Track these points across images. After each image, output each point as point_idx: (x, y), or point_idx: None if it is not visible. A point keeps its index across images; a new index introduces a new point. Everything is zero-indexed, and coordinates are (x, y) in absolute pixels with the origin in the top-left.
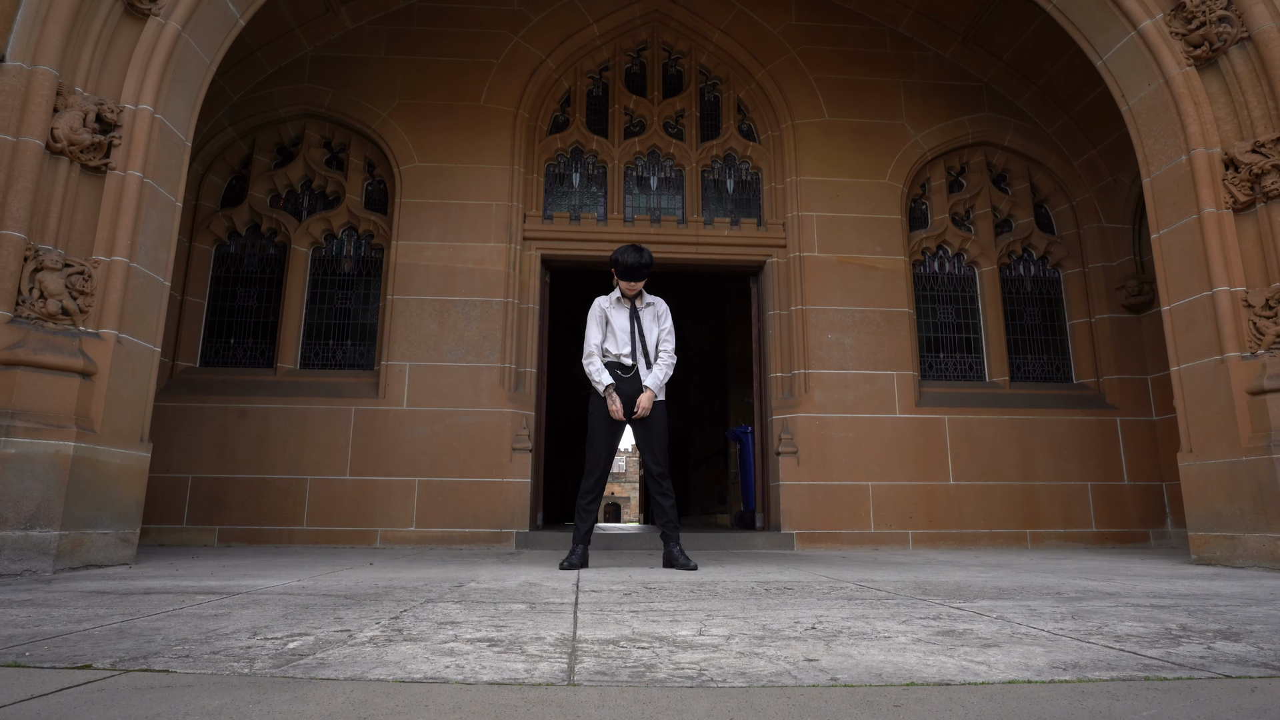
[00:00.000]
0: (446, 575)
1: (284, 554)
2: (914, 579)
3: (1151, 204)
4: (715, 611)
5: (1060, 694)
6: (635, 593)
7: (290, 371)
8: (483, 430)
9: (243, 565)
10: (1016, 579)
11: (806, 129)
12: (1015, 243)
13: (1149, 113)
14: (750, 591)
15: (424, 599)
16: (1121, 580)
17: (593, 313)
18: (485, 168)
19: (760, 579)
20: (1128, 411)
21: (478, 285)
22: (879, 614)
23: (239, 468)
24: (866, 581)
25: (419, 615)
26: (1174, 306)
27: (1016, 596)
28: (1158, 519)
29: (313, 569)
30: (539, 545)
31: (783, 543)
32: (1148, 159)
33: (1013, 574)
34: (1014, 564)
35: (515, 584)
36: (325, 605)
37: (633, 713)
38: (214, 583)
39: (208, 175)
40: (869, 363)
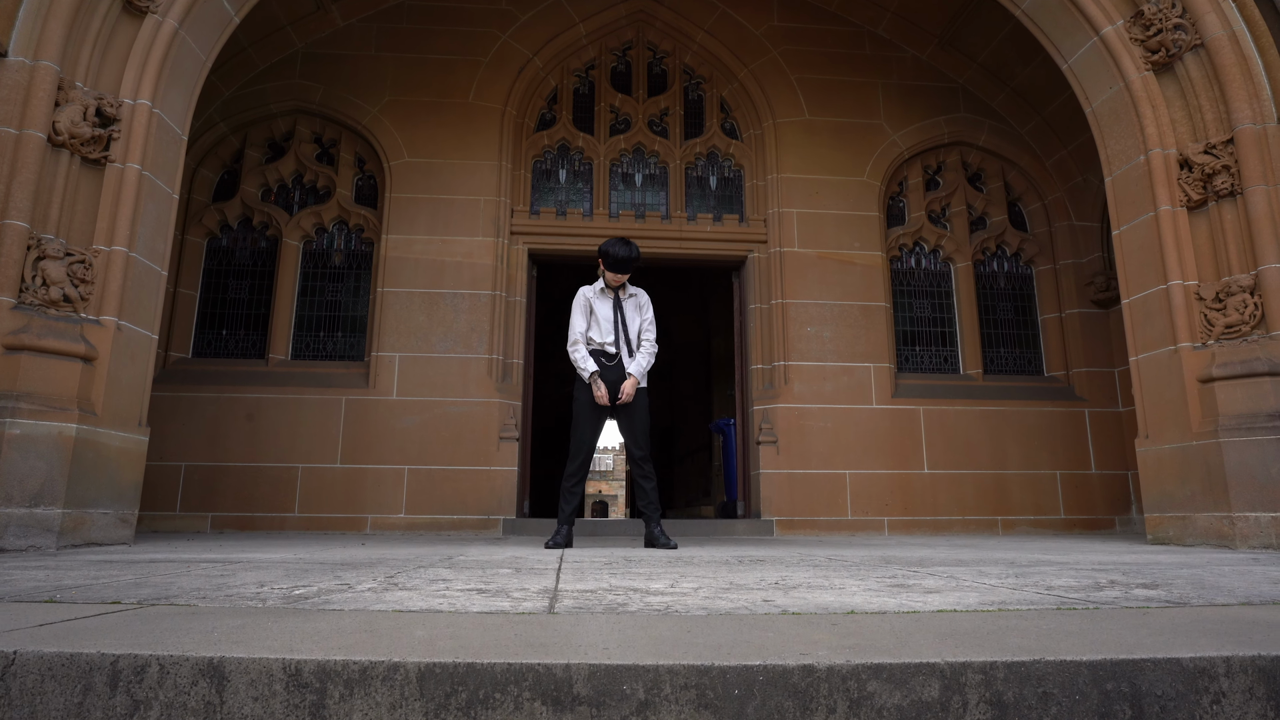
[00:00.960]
0: (437, 551)
1: (277, 538)
2: (881, 554)
3: (1113, 202)
4: (689, 574)
5: (979, 619)
6: (616, 563)
7: (282, 362)
8: (471, 420)
9: (239, 545)
10: (978, 554)
11: (787, 128)
12: (989, 240)
13: (1111, 115)
14: (724, 562)
15: (416, 565)
16: (1076, 555)
17: (577, 301)
18: (473, 163)
19: (736, 554)
20: (1095, 403)
21: (466, 278)
22: (839, 575)
23: (231, 456)
24: (835, 556)
25: (412, 575)
26: (1132, 300)
27: (973, 565)
28: (1123, 506)
29: (307, 547)
30: (526, 532)
31: (762, 529)
32: (1109, 159)
33: (976, 551)
34: (980, 545)
35: (502, 557)
36: (324, 569)
37: (604, 629)
38: (215, 555)
39: (200, 169)
40: (847, 355)
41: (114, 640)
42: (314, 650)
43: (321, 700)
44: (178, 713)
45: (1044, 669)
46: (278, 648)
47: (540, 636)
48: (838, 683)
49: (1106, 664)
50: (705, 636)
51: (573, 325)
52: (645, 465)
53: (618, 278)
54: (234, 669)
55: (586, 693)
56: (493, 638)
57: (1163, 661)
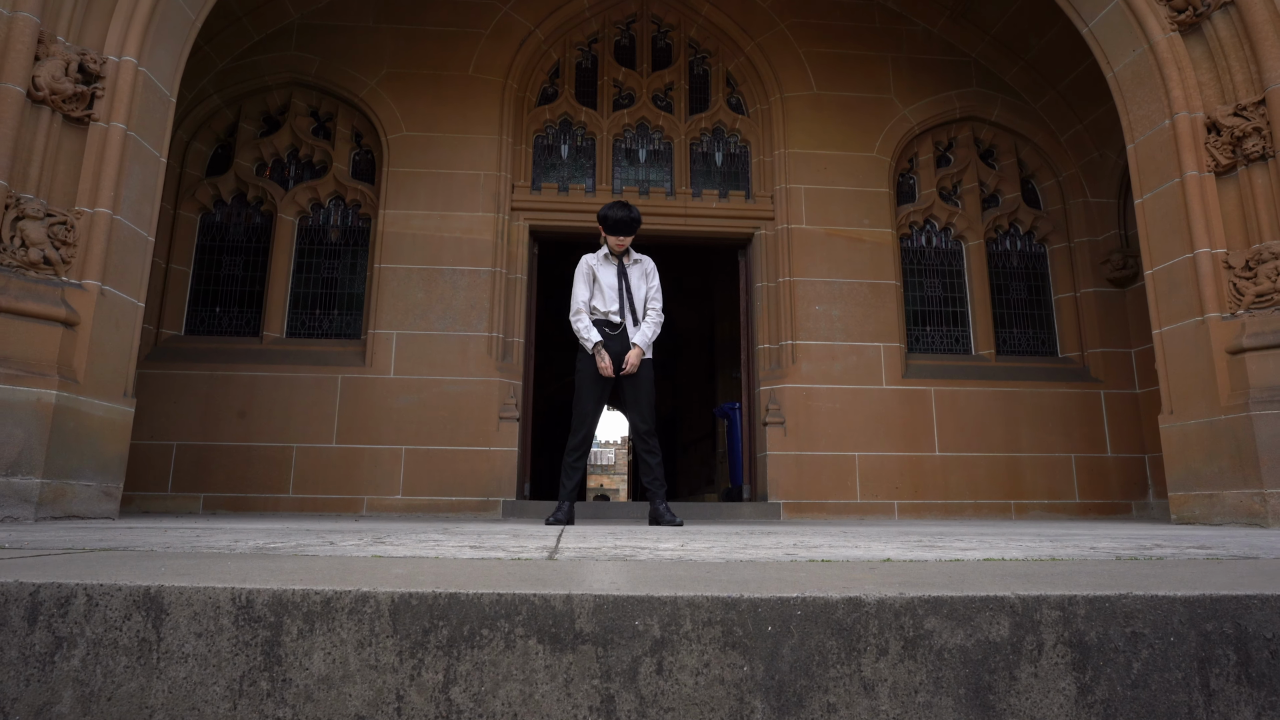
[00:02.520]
0: (433, 525)
1: (269, 517)
2: (898, 529)
3: (1135, 170)
4: (699, 538)
5: (1034, 566)
6: (621, 533)
7: (276, 340)
8: (470, 399)
9: (228, 521)
10: (998, 529)
11: (795, 102)
12: (1002, 217)
13: (1133, 79)
14: (735, 533)
15: (408, 531)
16: (1104, 530)
17: (580, 269)
18: (473, 138)
19: (746, 528)
20: (1111, 384)
21: (465, 255)
22: (861, 539)
23: (224, 435)
24: (850, 531)
25: (402, 537)
26: (1156, 270)
27: (996, 535)
28: (1140, 490)
29: (297, 522)
30: (526, 514)
31: (769, 512)
32: (1132, 125)
33: (994, 527)
34: (998, 525)
35: (500, 529)
36: (309, 532)
37: (612, 570)
38: (199, 524)
39: (193, 143)
40: (856, 334)
41: (39, 572)
42: (270, 581)
43: (276, 637)
44: (107, 651)
45: (1132, 605)
46: (229, 579)
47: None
48: (889, 618)
49: (1205, 600)
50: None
51: (575, 293)
52: (650, 440)
53: (620, 242)
54: (174, 600)
55: (591, 629)
56: (482, 574)
57: (1273, 599)
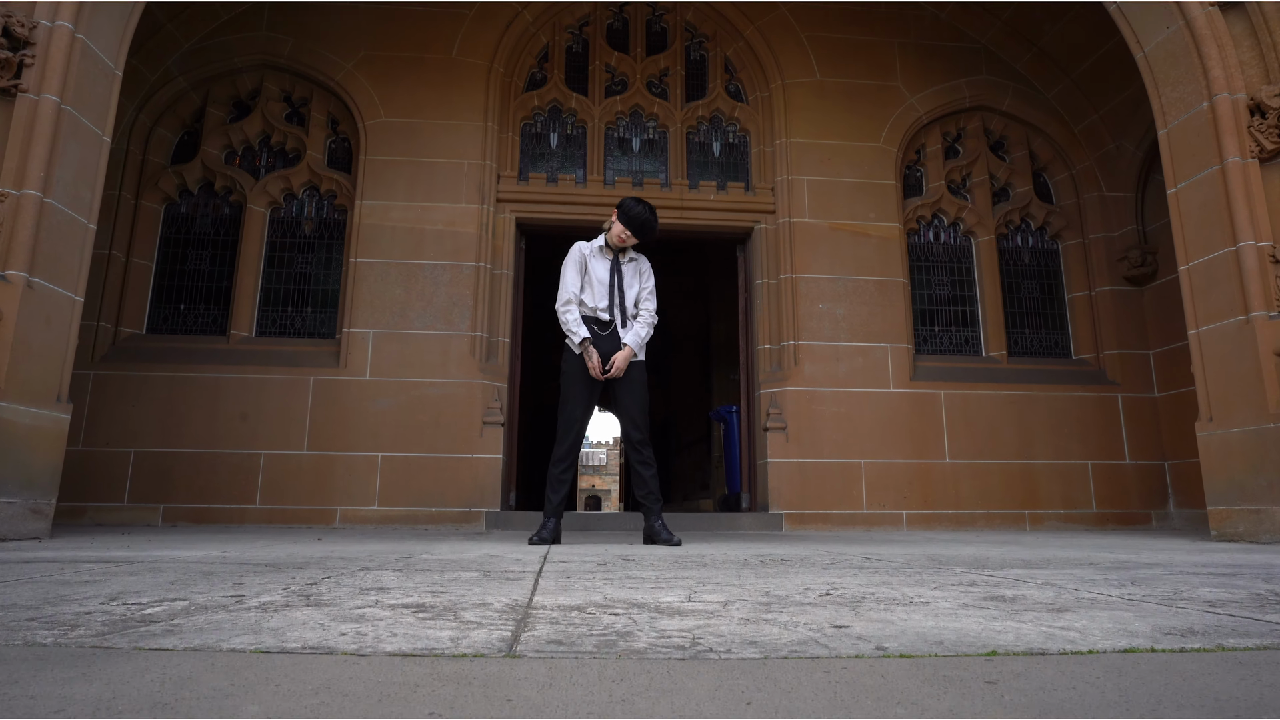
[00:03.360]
0: (399, 549)
1: (229, 532)
2: (922, 552)
3: (1168, 157)
4: (706, 579)
5: (1209, 665)
6: (611, 564)
7: (245, 339)
8: (452, 403)
9: (174, 540)
10: (1033, 553)
11: (797, 89)
12: (1013, 212)
13: (1167, 58)
14: (743, 563)
15: (359, 568)
16: (1150, 554)
17: (571, 256)
18: (457, 124)
19: (752, 552)
20: (1129, 388)
21: (448, 248)
22: (901, 581)
23: (186, 441)
24: (871, 555)
25: (341, 581)
26: (1193, 265)
27: (1047, 567)
28: (1160, 500)
29: (250, 543)
30: (511, 525)
31: (770, 523)
32: (1164, 109)
33: (1025, 549)
34: (1021, 541)
35: (474, 556)
36: (233, 573)
37: (595, 695)
38: (123, 553)
39: (156, 128)
40: (862, 334)
41: None
42: None
43: None
44: None
45: None
46: None
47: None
48: None
49: None
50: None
51: (564, 283)
52: (644, 450)
53: (627, 240)
54: None
55: None
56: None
57: None
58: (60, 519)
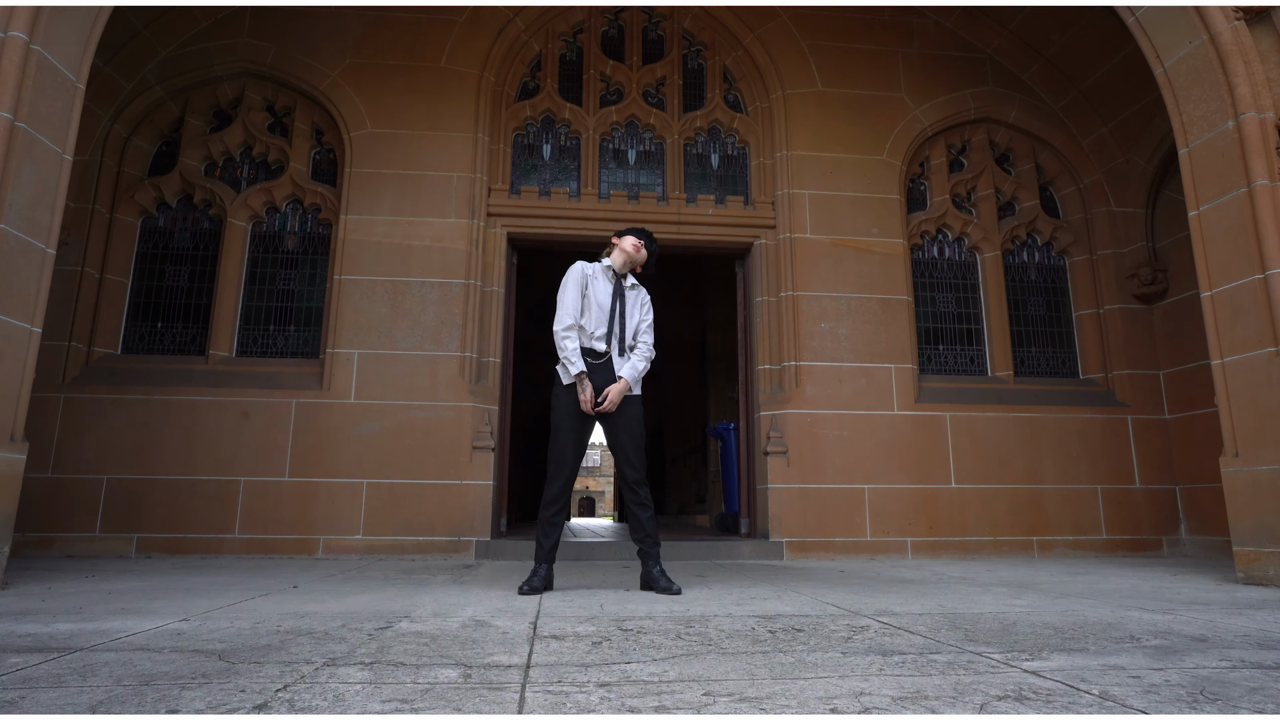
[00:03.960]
0: (377, 608)
1: (201, 570)
2: (940, 609)
3: (1189, 177)
4: (713, 679)
5: None
6: (608, 640)
7: (224, 360)
8: (440, 426)
9: (136, 589)
10: (1059, 609)
11: (798, 100)
12: (1019, 227)
13: (1189, 74)
14: (752, 635)
15: (324, 658)
16: (1185, 612)
17: (573, 276)
18: (446, 135)
19: (758, 611)
20: (1139, 409)
21: (436, 265)
22: (937, 687)
23: (162, 468)
24: (887, 616)
25: (298, 696)
26: (1217, 293)
27: (1086, 643)
28: (1171, 525)
29: (218, 596)
30: (502, 555)
31: (771, 551)
32: (1186, 126)
33: (1048, 599)
34: (1036, 583)
35: (457, 624)
36: (176, 676)
37: None
38: (67, 625)
39: (132, 139)
40: (865, 354)
41: None
42: None
43: None
44: None
45: None
46: None
47: None
48: None
49: None
50: None
51: (564, 304)
52: (640, 490)
53: (636, 266)
54: None
55: None
56: None
57: None
58: (28, 550)
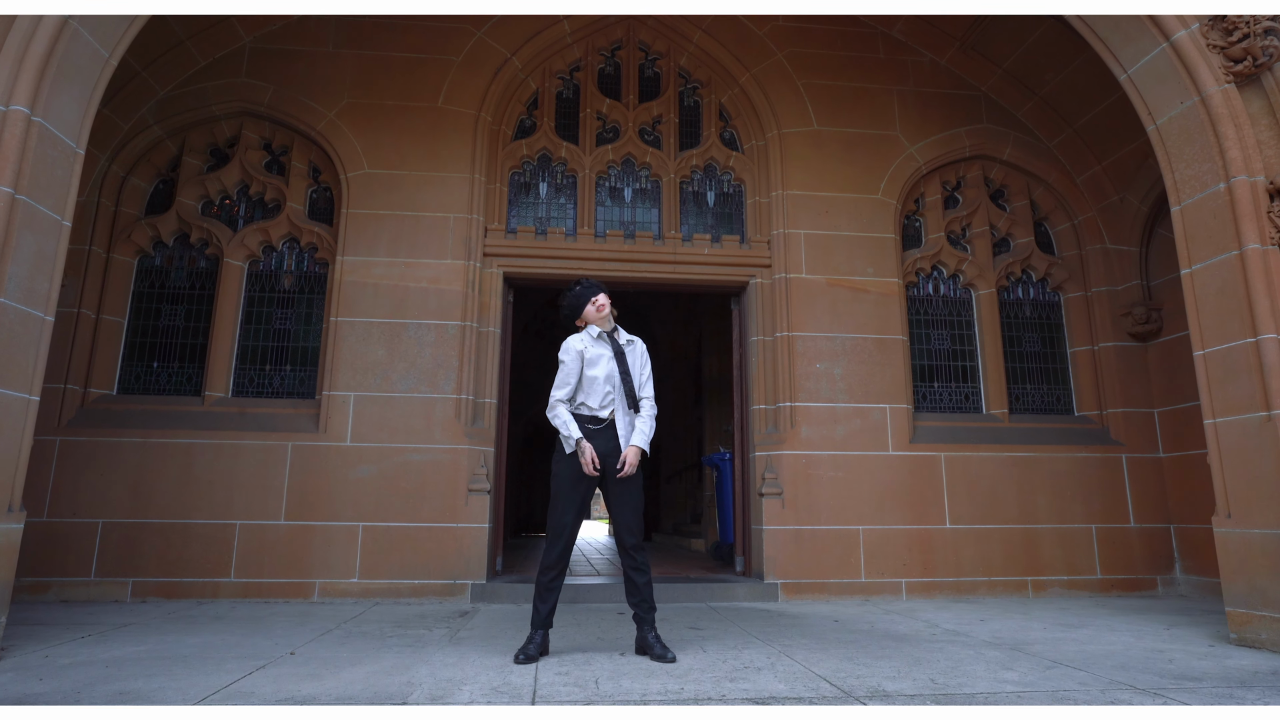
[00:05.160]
0: (374, 686)
1: (196, 623)
2: (932, 690)
3: (1182, 236)
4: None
5: None
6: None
7: (220, 400)
8: (436, 469)
9: (132, 658)
10: (1050, 691)
11: (793, 139)
12: (1014, 263)
13: (1180, 134)
14: None
15: None
16: (1174, 693)
17: (568, 354)
18: (442, 176)
19: (750, 691)
20: (1133, 448)
21: (433, 307)
22: None
23: (157, 511)
24: (878, 698)
25: None
26: (1209, 352)
27: None
28: (1166, 565)
29: (215, 670)
30: (497, 598)
31: (766, 594)
32: (1178, 185)
33: (1039, 671)
34: (1029, 642)
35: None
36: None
37: None
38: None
39: (130, 178)
40: (860, 395)
41: None
42: None
43: None
44: None
45: None
46: None
47: None
48: None
49: None
50: None
51: (562, 382)
52: (638, 555)
53: (602, 313)
54: None
55: None
56: None
57: None
58: (23, 595)
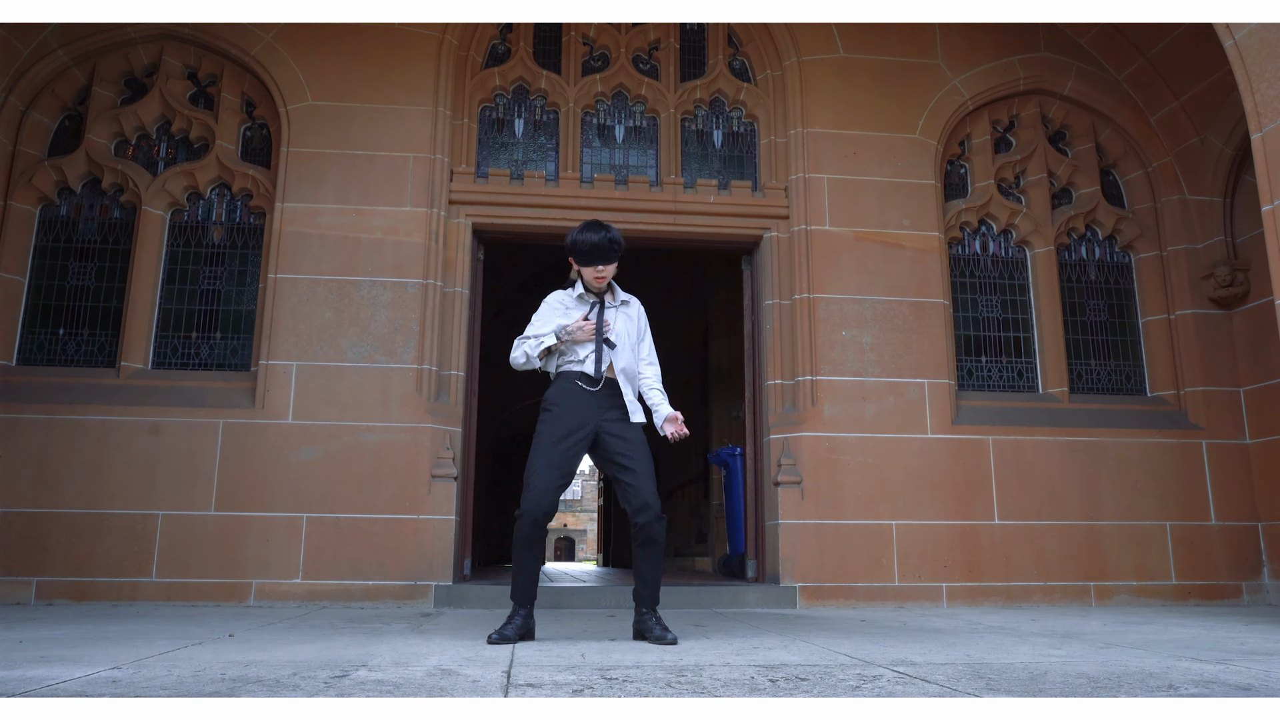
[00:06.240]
0: (329, 656)
1: (117, 618)
2: (966, 659)
3: (1263, 167)
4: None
5: None
6: (590, 687)
7: (139, 373)
8: (393, 451)
9: (50, 638)
10: (1100, 659)
11: (816, 67)
12: (1076, 218)
13: (1263, 47)
14: (750, 684)
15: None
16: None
17: (549, 304)
18: (400, 109)
19: (760, 660)
20: (1215, 433)
21: (389, 262)
22: None
23: (66, 500)
24: (904, 665)
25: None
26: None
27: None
28: (1253, 569)
29: (146, 645)
30: (466, 602)
31: (782, 598)
32: (1259, 108)
33: (1091, 649)
34: (1085, 632)
35: (422, 672)
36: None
37: None
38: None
39: (30, 112)
40: (893, 368)
41: None
42: None
43: None
44: None
45: None
46: None
47: None
48: None
49: None
50: None
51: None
52: (659, 524)
53: (601, 274)
54: None
55: None
56: None
57: None
58: None
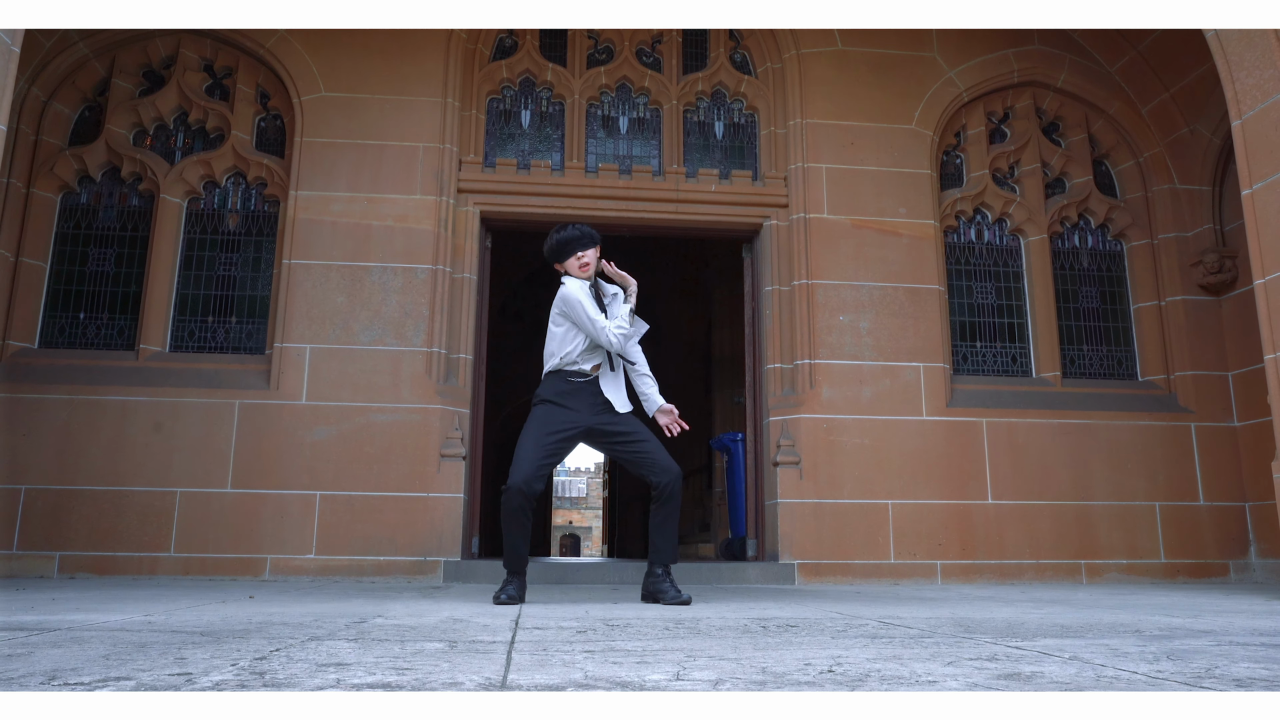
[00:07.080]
0: (347, 610)
1: (140, 587)
2: (951, 615)
3: (1243, 153)
4: (698, 652)
5: None
6: (592, 629)
7: (157, 355)
8: (404, 432)
9: (81, 598)
10: (1079, 615)
11: (815, 60)
12: (1069, 207)
13: (1242, 38)
14: (743, 629)
15: (308, 636)
16: (1211, 616)
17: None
18: (410, 100)
19: (755, 615)
20: (1204, 416)
21: (399, 248)
22: (914, 654)
23: (87, 478)
24: (891, 618)
25: (294, 655)
26: (1270, 280)
27: (1086, 635)
28: (1240, 548)
29: (172, 603)
30: (474, 577)
31: (781, 575)
32: (1238, 96)
33: (1072, 610)
34: (1072, 599)
35: (436, 620)
36: (169, 643)
37: None
38: (30, 617)
39: (51, 103)
40: (890, 352)
41: None
42: None
43: None
44: None
45: None
46: None
47: None
48: None
49: None
50: None
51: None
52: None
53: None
54: None
55: None
56: None
57: None
58: None
